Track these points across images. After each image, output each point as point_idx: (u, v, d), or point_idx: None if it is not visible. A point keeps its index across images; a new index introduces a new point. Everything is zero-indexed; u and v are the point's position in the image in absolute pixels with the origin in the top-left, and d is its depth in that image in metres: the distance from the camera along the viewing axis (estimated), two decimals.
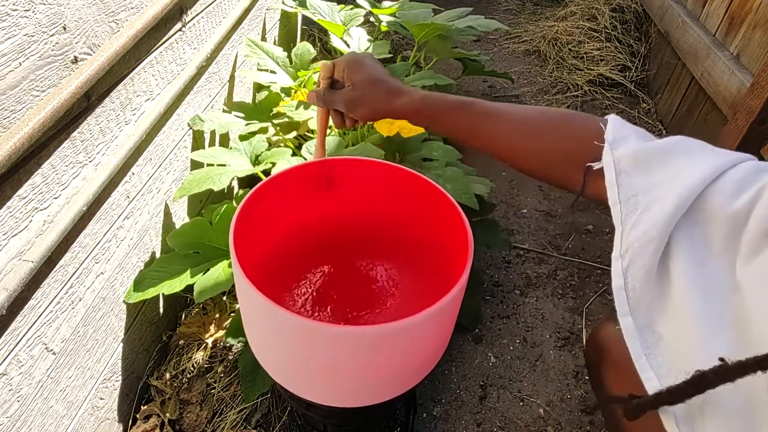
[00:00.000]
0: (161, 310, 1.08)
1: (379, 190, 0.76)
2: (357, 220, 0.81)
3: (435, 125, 0.59)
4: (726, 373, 0.33)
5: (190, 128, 1.14)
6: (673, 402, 0.37)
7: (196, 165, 1.17)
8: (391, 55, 1.51)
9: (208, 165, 1.09)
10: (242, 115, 1.24)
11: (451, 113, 0.57)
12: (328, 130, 1.25)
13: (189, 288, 0.95)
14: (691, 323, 0.39)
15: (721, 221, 0.39)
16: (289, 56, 1.39)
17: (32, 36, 0.65)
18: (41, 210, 0.70)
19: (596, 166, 0.47)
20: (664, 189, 0.42)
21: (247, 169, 1.08)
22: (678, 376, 0.37)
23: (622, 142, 0.47)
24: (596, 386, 0.72)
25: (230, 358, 1.05)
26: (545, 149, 0.52)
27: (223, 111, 1.27)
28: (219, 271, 0.95)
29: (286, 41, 1.90)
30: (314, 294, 0.83)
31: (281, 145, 1.21)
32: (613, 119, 0.50)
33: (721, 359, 0.34)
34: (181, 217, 1.14)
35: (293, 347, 0.57)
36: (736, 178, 0.40)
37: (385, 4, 1.75)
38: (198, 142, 1.20)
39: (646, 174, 0.44)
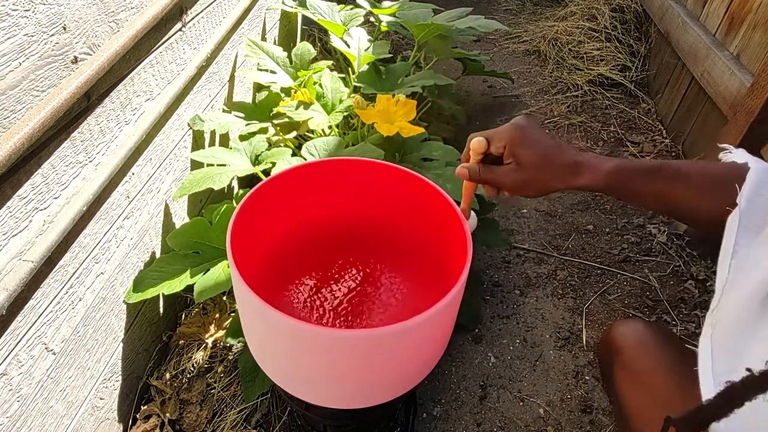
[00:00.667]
0: (161, 310, 1.08)
1: (378, 191, 0.76)
2: (357, 220, 0.81)
3: (622, 197, 0.54)
4: (753, 382, 0.34)
5: (190, 128, 1.14)
6: (718, 416, 0.38)
7: (196, 165, 1.17)
8: (391, 55, 1.51)
9: (208, 165, 1.09)
10: (242, 115, 1.24)
11: (641, 183, 0.52)
12: (328, 130, 1.25)
13: (189, 288, 0.95)
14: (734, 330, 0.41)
15: None
16: (289, 56, 1.39)
17: (32, 36, 0.65)
18: (41, 210, 0.70)
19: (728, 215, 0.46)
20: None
21: (247, 168, 1.08)
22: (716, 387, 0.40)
23: (753, 212, 0.45)
24: (608, 387, 0.71)
25: (230, 358, 1.05)
26: (718, 208, 0.49)
27: (223, 111, 1.27)
28: (219, 271, 0.95)
29: (286, 41, 1.90)
30: (314, 295, 0.83)
31: (281, 145, 1.21)
32: (755, 173, 0.48)
33: (748, 369, 0.34)
34: (181, 217, 1.14)
35: (291, 351, 0.57)
36: None
37: (385, 4, 1.75)
38: (198, 142, 1.20)
39: (765, 245, 0.43)
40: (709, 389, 0.41)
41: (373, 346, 0.54)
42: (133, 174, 0.92)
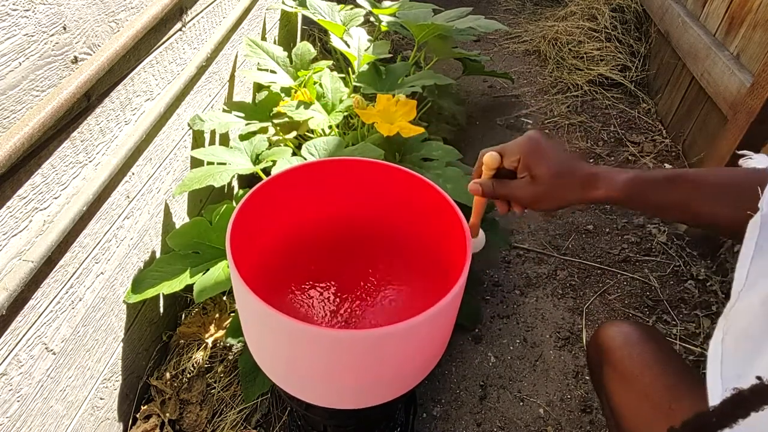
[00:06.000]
0: (161, 310, 1.08)
1: (378, 191, 0.76)
2: (356, 220, 0.81)
3: (640, 209, 0.54)
4: (762, 391, 0.33)
5: (190, 128, 1.14)
6: (722, 425, 0.37)
7: (196, 163, 1.17)
8: (391, 55, 1.51)
9: (208, 163, 1.09)
10: (242, 114, 1.24)
11: (659, 194, 0.51)
12: (328, 129, 1.25)
13: (189, 288, 0.95)
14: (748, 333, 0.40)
15: None
16: (289, 56, 1.39)
17: (32, 36, 0.65)
18: (41, 210, 0.70)
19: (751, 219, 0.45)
20: None
21: (247, 167, 1.08)
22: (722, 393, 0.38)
23: None
24: (597, 388, 0.72)
25: (230, 358, 1.05)
26: (737, 217, 0.48)
27: (223, 111, 1.27)
28: (219, 271, 0.95)
29: (286, 41, 1.90)
30: (314, 295, 0.83)
31: (281, 144, 1.21)
32: None
33: (758, 377, 0.34)
34: (181, 217, 1.14)
35: (291, 351, 0.57)
36: None
37: (385, 4, 1.75)
38: (198, 142, 1.20)
39: None
40: (717, 394, 0.40)
41: (373, 346, 0.53)
42: (133, 174, 0.92)
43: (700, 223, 0.52)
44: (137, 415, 0.97)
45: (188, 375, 1.03)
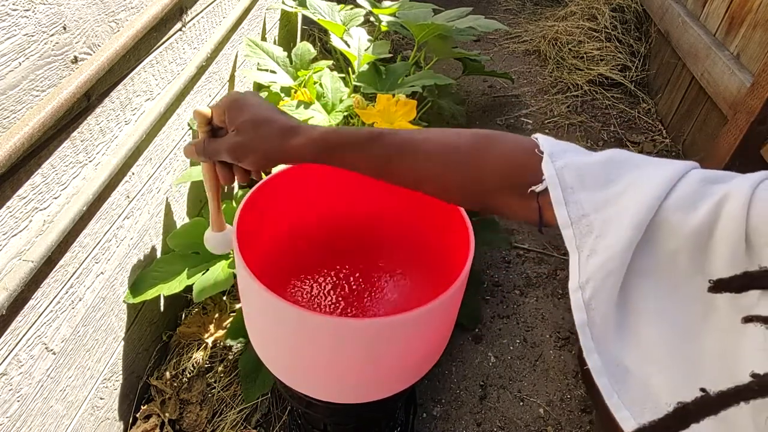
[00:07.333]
0: (161, 310, 1.08)
1: (379, 190, 0.76)
2: (359, 219, 0.81)
3: (341, 163, 0.51)
4: (707, 404, 0.32)
5: (190, 128, 1.14)
6: None
7: (195, 163, 1.17)
8: (391, 55, 1.51)
9: None
10: None
11: (359, 148, 0.49)
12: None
13: (189, 288, 0.95)
14: (663, 356, 0.36)
15: (683, 239, 0.36)
16: (289, 56, 1.39)
17: (32, 36, 0.65)
18: (41, 210, 0.70)
19: (539, 187, 0.42)
20: (617, 207, 0.39)
21: None
22: (656, 410, 0.36)
23: (561, 155, 0.42)
24: (590, 388, 0.72)
25: (230, 358, 1.05)
26: (476, 175, 0.45)
27: None
28: (218, 271, 0.96)
29: (286, 41, 1.90)
30: (315, 293, 0.83)
31: None
32: (543, 137, 0.45)
33: (703, 389, 0.32)
34: (181, 217, 1.14)
35: (295, 341, 0.57)
36: (689, 192, 0.37)
37: (385, 4, 1.75)
38: None
39: (595, 190, 0.40)
40: (607, 389, 0.38)
41: (376, 335, 0.54)
42: (133, 174, 0.92)
43: (422, 189, 0.49)
44: (137, 415, 0.97)
45: (188, 375, 1.03)
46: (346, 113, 1.28)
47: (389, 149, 0.48)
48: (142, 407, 0.98)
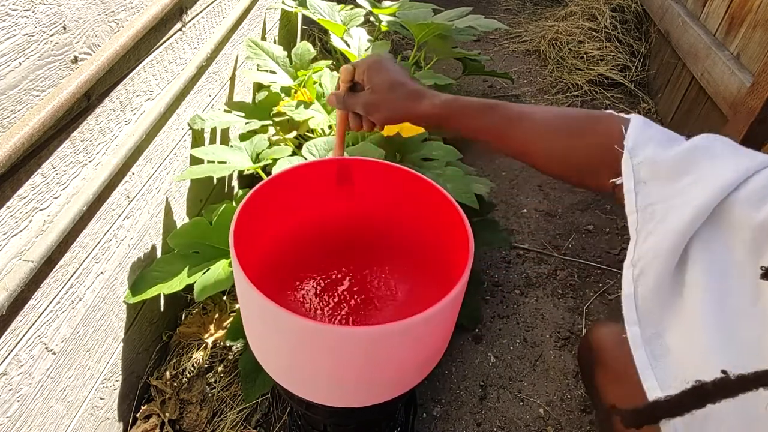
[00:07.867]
0: (161, 310, 1.08)
1: (379, 190, 0.76)
2: (357, 220, 0.81)
3: (459, 129, 0.56)
4: (726, 386, 0.32)
5: (190, 128, 1.14)
6: (674, 414, 0.36)
7: (195, 163, 1.17)
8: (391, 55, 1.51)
9: (209, 162, 1.09)
10: (242, 114, 1.24)
11: (477, 117, 0.55)
12: (328, 129, 1.25)
13: (189, 288, 0.95)
14: (703, 335, 0.38)
15: (745, 231, 0.38)
16: (289, 56, 1.39)
17: (32, 36, 0.65)
18: (41, 210, 0.70)
19: (618, 181, 0.45)
20: (684, 197, 0.41)
21: (248, 165, 1.08)
22: (678, 387, 0.37)
23: (642, 148, 0.45)
24: (589, 388, 0.72)
25: (230, 358, 1.05)
26: (574, 155, 0.50)
27: (224, 111, 1.27)
28: (219, 270, 0.95)
29: (286, 41, 1.90)
30: (315, 294, 0.83)
31: (281, 144, 1.21)
32: (635, 121, 0.47)
33: (724, 371, 0.33)
34: (181, 217, 1.14)
35: (294, 349, 0.57)
36: (761, 185, 0.38)
37: (385, 3, 1.75)
38: (198, 142, 1.20)
39: (666, 183, 0.42)
40: (644, 363, 0.40)
41: (376, 343, 0.54)
42: (133, 174, 0.92)
43: (523, 157, 0.53)
44: (137, 415, 0.97)
45: (188, 375, 1.03)
46: None
47: (505, 118, 0.53)
48: (142, 407, 0.98)
